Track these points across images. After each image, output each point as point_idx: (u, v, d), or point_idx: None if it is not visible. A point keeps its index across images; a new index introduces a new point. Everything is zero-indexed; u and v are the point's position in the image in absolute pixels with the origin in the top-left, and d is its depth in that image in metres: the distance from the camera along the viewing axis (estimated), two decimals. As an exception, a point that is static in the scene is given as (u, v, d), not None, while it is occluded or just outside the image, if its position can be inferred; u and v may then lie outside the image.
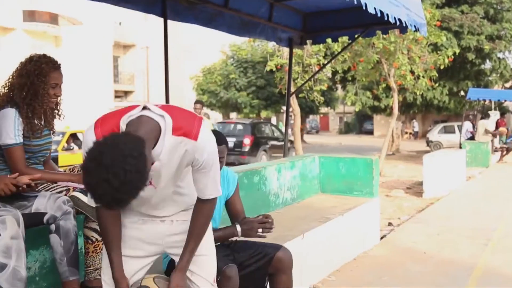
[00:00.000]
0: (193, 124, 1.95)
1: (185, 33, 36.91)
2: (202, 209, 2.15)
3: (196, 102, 9.54)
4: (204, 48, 41.39)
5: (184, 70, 36.78)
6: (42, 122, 2.78)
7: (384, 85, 15.61)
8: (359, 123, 52.89)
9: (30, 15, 28.17)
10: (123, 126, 1.88)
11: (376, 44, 11.69)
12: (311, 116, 47.87)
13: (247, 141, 15.67)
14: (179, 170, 2.04)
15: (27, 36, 27.79)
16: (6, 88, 2.73)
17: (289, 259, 3.02)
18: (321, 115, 52.71)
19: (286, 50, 11.76)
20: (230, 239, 2.97)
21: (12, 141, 2.59)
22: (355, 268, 4.99)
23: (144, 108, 1.90)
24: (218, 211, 3.13)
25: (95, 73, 30.60)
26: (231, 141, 15.24)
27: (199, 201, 2.16)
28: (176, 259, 2.24)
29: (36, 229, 2.60)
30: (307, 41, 6.87)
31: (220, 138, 2.80)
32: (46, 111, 2.74)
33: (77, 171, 2.88)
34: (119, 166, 1.59)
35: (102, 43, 31.65)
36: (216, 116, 41.27)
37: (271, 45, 14.06)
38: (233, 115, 37.81)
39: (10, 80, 2.73)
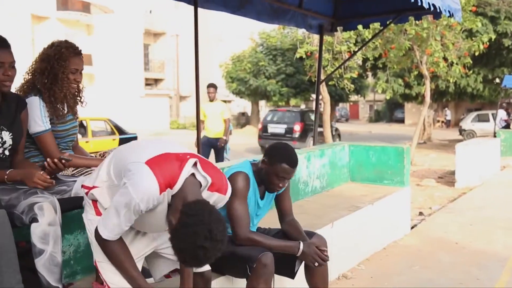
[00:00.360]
0: (224, 182, 2.26)
1: (215, 21, 36.96)
2: None
3: (209, 86, 9.05)
4: (233, 36, 41.38)
5: (213, 58, 36.87)
6: (65, 107, 2.81)
7: (416, 73, 15.31)
8: (390, 111, 52.14)
9: (64, 4, 28.65)
10: (181, 182, 2.04)
11: (408, 31, 11.46)
12: (340, 104, 47.43)
13: (297, 127, 16.69)
14: None
15: (60, 24, 28.28)
16: (29, 74, 2.76)
17: (324, 246, 3.01)
18: (351, 103, 52.22)
19: (316, 37, 11.65)
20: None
21: (42, 128, 2.65)
22: (384, 257, 4.95)
23: (194, 164, 2.11)
24: (266, 210, 3.12)
25: (126, 61, 30.97)
26: (282, 128, 16.85)
27: None
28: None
29: (70, 214, 2.67)
30: (338, 28, 6.77)
31: (294, 161, 2.87)
32: (67, 95, 2.75)
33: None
34: (224, 237, 1.85)
35: (133, 31, 31.98)
36: (245, 104, 41.33)
37: (301, 32, 13.91)
38: (262, 103, 37.77)
39: (33, 65, 2.76)
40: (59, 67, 2.68)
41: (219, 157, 8.94)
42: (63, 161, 2.51)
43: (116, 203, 2.02)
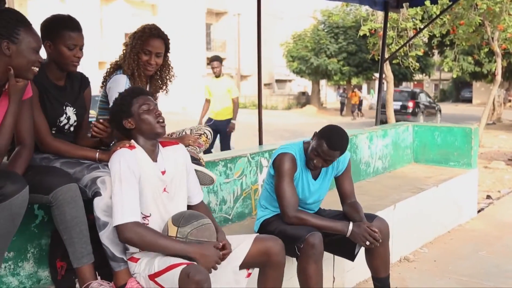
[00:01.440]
0: None
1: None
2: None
3: (213, 59, 7.44)
4: (294, 15, 40.93)
5: (274, 37, 36.69)
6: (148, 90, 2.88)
7: (486, 50, 14.60)
8: (456, 91, 50.06)
9: (129, -15, 29.27)
10: None
11: (479, 5, 10.88)
12: (404, 83, 46.03)
13: (410, 104, 20.90)
14: None
15: (127, 5, 28.99)
16: (118, 60, 2.88)
17: (386, 229, 2.95)
18: (415, 82, 50.46)
19: (380, 14, 11.31)
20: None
21: None
22: (449, 241, 4.81)
23: None
24: (323, 192, 3.10)
25: (189, 40, 31.39)
26: (398, 105, 19.91)
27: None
28: None
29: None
30: (404, 4, 6.52)
31: (334, 143, 2.78)
32: (142, 77, 2.81)
33: (178, 135, 3.00)
34: None
35: (195, 11, 32.31)
36: (305, 83, 40.98)
37: (364, 9, 13.55)
38: (323, 82, 37.29)
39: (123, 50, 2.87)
40: (138, 47, 2.76)
41: (225, 145, 7.31)
42: (101, 120, 2.60)
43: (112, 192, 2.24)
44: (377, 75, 26.97)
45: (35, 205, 2.42)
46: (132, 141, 2.36)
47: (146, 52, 2.78)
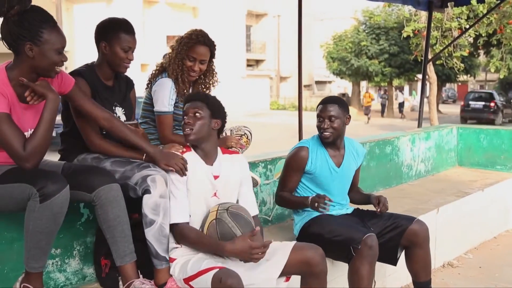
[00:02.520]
0: None
1: (316, 1, 36.53)
2: None
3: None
4: (334, 16, 40.63)
5: (313, 38, 36.52)
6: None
7: (535, 50, 14.11)
8: (504, 92, 48.52)
9: (181, -12, 29.71)
10: None
11: (528, 4, 10.52)
12: (447, 85, 44.93)
13: (492, 104, 23.38)
14: None
15: (168, 8, 29.44)
16: (163, 63, 2.94)
17: (425, 232, 2.91)
18: (459, 83, 49.18)
19: (423, 14, 11.09)
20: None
21: (165, 109, 2.81)
22: (495, 247, 4.66)
23: None
24: (347, 181, 3.12)
25: (229, 42, 31.62)
26: (481, 104, 23.61)
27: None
28: None
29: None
30: (449, 4, 6.37)
31: (328, 98, 3.04)
32: (186, 82, 2.86)
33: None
34: None
35: (235, 13, 32.51)
36: (345, 84, 40.58)
37: (407, 9, 13.32)
38: (363, 83, 36.83)
39: (169, 54, 2.93)
40: (183, 53, 2.82)
41: None
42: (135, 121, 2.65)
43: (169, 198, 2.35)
44: (419, 76, 26.43)
45: (80, 203, 2.49)
46: (188, 144, 2.45)
47: (191, 58, 2.83)
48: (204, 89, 3.00)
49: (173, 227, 2.34)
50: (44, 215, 2.02)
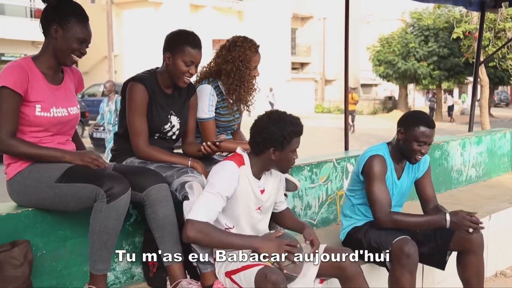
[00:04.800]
0: None
1: (362, 3, 36.10)
2: None
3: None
4: (381, 18, 40.02)
5: (360, 41, 36.07)
6: (241, 104, 2.94)
7: None
8: (560, 95, 46.45)
9: (218, -8, 30.10)
10: None
11: None
12: (500, 87, 43.42)
13: None
14: None
15: (215, 11, 29.83)
16: (206, 68, 2.93)
17: (480, 238, 2.82)
18: (513, 86, 47.44)
19: (475, 15, 10.77)
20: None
21: (206, 115, 2.83)
22: (551, 257, 4.46)
23: None
24: (405, 193, 3.02)
25: (274, 45, 31.67)
26: None
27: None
28: None
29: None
30: (503, 4, 6.15)
31: (430, 122, 2.77)
32: (249, 95, 2.89)
33: None
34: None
35: (281, 16, 32.55)
36: (392, 87, 39.87)
37: (458, 10, 12.97)
38: (411, 86, 36.08)
39: (213, 61, 2.91)
40: (245, 69, 2.80)
41: None
42: (217, 143, 2.64)
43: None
44: (470, 78, 25.69)
45: (130, 204, 2.54)
46: (245, 158, 2.38)
47: (252, 68, 2.83)
48: (246, 107, 2.98)
49: (191, 223, 2.19)
50: (110, 215, 2.12)
